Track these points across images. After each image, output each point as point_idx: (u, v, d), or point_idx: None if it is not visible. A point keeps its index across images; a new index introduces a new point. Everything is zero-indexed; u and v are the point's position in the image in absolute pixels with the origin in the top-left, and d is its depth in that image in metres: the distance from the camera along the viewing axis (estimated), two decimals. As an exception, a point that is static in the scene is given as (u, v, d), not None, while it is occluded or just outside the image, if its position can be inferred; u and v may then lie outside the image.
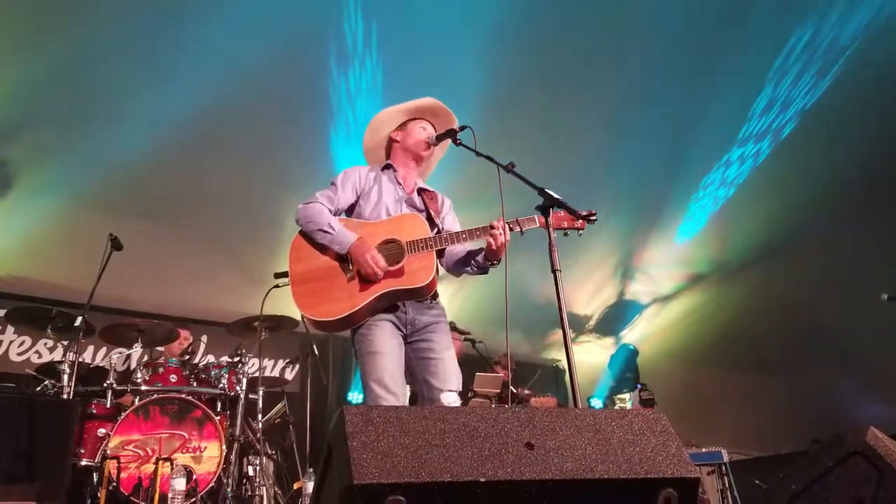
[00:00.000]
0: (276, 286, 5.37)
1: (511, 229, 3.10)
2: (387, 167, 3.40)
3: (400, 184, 3.34)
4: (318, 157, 7.64)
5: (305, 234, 3.12)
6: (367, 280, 2.98)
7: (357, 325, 3.01)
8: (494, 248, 3.09)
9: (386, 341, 2.98)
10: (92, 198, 6.93)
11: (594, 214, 3.17)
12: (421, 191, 3.40)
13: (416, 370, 3.05)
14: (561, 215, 3.10)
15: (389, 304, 3.04)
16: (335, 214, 3.18)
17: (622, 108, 8.30)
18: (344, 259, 3.03)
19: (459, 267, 3.34)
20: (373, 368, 2.92)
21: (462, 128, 3.21)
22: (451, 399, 2.96)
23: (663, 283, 10.77)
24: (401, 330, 3.06)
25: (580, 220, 3.14)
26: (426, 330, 3.10)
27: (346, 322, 2.98)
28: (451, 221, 3.43)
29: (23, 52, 6.10)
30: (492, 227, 3.07)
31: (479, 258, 3.25)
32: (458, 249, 3.28)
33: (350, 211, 3.28)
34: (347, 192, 3.23)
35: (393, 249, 3.06)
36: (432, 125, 3.46)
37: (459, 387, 3.08)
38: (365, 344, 2.98)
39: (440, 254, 3.21)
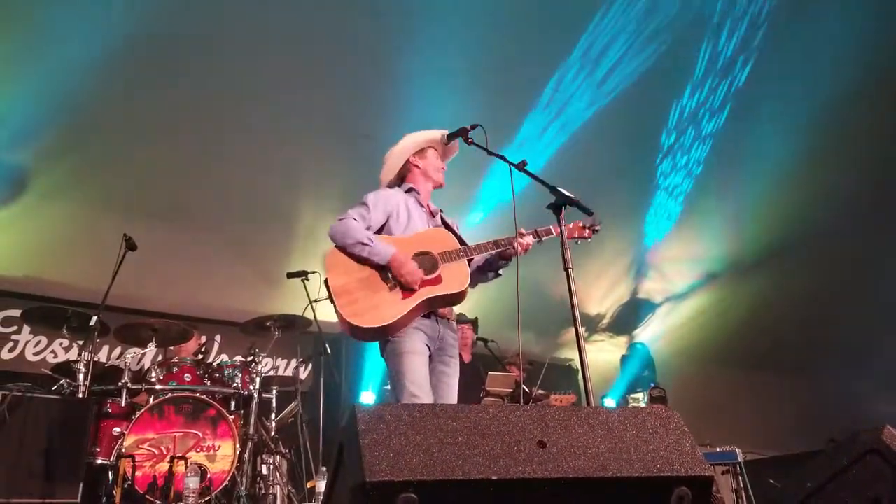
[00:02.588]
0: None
1: (539, 239, 3.37)
2: (410, 190, 3.51)
3: (422, 206, 3.49)
4: (333, 156, 7.65)
5: (341, 249, 3.19)
6: (407, 289, 3.09)
7: (398, 331, 3.09)
8: (517, 254, 3.30)
9: (421, 346, 3.11)
10: (106, 199, 6.98)
11: (598, 226, 3.45)
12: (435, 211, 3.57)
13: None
14: (570, 227, 3.40)
15: (428, 311, 3.16)
16: None
17: (630, 100, 8.27)
18: (384, 270, 3.12)
19: (480, 275, 3.51)
20: (409, 369, 3.01)
21: (473, 126, 3.23)
22: None
23: (677, 282, 10.71)
24: (430, 345, 3.17)
25: (587, 230, 3.44)
26: (447, 353, 3.26)
27: (389, 329, 3.06)
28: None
29: (35, 54, 6.14)
30: (520, 235, 3.31)
31: (501, 262, 3.47)
32: (477, 258, 3.43)
33: (379, 231, 3.36)
34: (379, 212, 3.32)
35: (426, 261, 3.18)
36: (438, 151, 3.63)
37: None
38: (402, 344, 3.07)
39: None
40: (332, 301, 3.08)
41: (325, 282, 3.14)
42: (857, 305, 8.98)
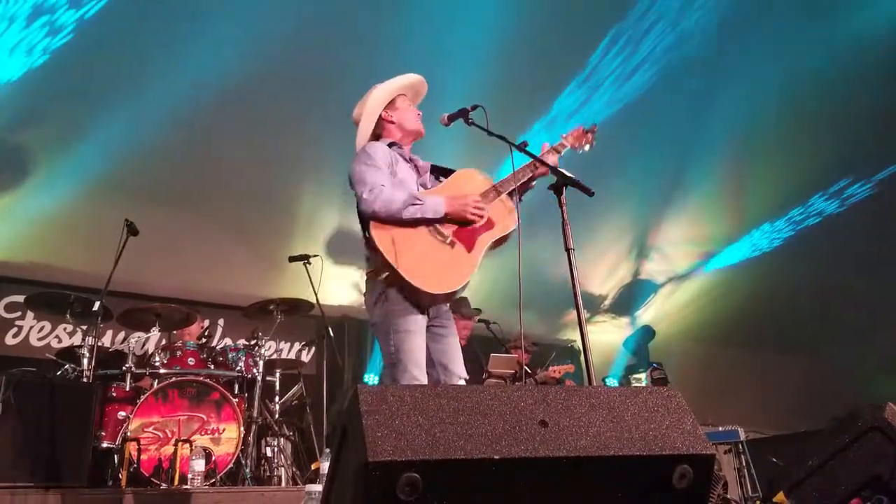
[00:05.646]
0: (304, 260, 5.52)
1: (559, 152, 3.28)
2: (392, 145, 3.29)
3: (408, 161, 3.29)
4: (333, 140, 7.64)
5: (385, 221, 2.91)
6: (467, 239, 2.98)
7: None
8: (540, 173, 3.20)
9: (420, 323, 2.94)
10: (108, 183, 6.96)
11: (594, 126, 3.41)
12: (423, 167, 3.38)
13: (433, 354, 3.03)
14: (571, 136, 3.36)
15: None
16: None
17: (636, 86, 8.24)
18: (437, 232, 2.96)
19: None
20: (410, 347, 2.86)
21: (474, 107, 3.18)
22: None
23: (679, 262, 10.70)
24: (427, 314, 3.01)
25: (588, 134, 3.39)
26: (444, 316, 3.12)
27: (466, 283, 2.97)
28: None
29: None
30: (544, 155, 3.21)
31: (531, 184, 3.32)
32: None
33: None
34: (385, 168, 3.10)
35: None
36: (409, 97, 3.42)
37: (466, 375, 3.12)
38: (400, 321, 2.89)
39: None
40: (402, 281, 2.83)
41: (391, 269, 2.83)
42: (859, 284, 8.97)
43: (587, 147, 3.38)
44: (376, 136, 3.36)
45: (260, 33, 6.68)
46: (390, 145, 3.28)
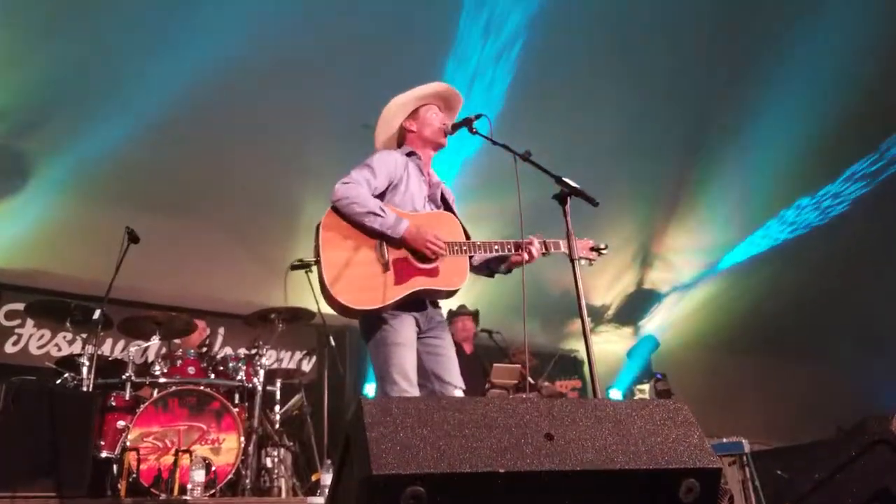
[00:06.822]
0: (306, 268, 5.37)
1: (545, 251, 3.17)
2: (411, 153, 3.30)
3: (423, 175, 3.28)
4: (335, 146, 7.64)
5: (342, 216, 2.98)
6: (402, 272, 2.93)
7: (379, 314, 2.93)
8: (522, 263, 3.14)
9: (410, 335, 2.95)
10: (108, 190, 6.96)
11: (605, 248, 3.30)
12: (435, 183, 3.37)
13: (427, 365, 3.02)
14: (580, 243, 3.19)
15: (416, 300, 2.99)
16: None
17: (642, 91, 8.24)
18: (379, 249, 2.94)
19: (477, 272, 3.34)
20: (398, 360, 2.87)
21: (477, 116, 3.16)
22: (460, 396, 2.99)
23: (683, 271, 10.67)
24: (419, 327, 3.03)
25: (595, 253, 3.27)
26: (437, 328, 3.11)
27: (374, 312, 2.90)
28: None
29: (38, 46, 6.12)
30: (528, 244, 3.10)
31: (502, 267, 3.29)
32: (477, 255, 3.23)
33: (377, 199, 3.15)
34: (381, 178, 3.09)
35: None
36: (439, 108, 3.38)
37: (464, 385, 3.09)
38: (390, 334, 2.91)
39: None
40: (319, 272, 2.88)
41: (317, 249, 2.91)
42: (865, 292, 8.95)
43: (583, 262, 3.18)
44: (399, 142, 3.40)
45: (262, 34, 6.67)
46: (410, 154, 3.29)
